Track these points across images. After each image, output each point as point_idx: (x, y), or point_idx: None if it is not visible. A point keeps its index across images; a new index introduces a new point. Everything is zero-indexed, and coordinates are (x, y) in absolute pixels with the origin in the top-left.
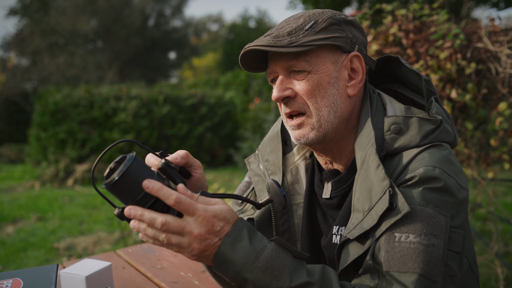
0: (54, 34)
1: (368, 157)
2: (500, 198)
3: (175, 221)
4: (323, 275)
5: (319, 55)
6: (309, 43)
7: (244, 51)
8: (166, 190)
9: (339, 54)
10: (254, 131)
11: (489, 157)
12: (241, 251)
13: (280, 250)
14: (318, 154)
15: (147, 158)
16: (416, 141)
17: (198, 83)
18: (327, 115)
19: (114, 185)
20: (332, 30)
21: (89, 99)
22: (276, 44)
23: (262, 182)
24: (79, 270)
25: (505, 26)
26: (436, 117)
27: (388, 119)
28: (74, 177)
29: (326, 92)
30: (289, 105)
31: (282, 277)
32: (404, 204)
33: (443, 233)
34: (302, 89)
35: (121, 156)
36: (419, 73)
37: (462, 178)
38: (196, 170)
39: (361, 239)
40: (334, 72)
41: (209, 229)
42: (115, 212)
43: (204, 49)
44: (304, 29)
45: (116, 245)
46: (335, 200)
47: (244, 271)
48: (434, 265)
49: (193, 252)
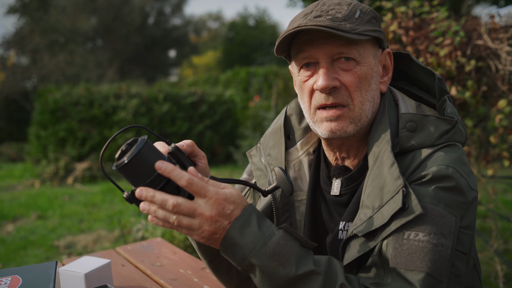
0: (54, 32)
1: (382, 154)
2: (500, 195)
3: (187, 203)
4: (329, 266)
5: (365, 47)
6: (366, 32)
7: (298, 29)
8: (179, 171)
9: (377, 49)
10: (254, 129)
11: (489, 154)
12: (249, 236)
13: (288, 238)
14: (331, 150)
15: (155, 145)
16: (431, 140)
17: (198, 81)
18: (368, 110)
19: (125, 167)
20: (374, 23)
21: (89, 97)
22: (339, 28)
23: (264, 177)
24: (78, 267)
25: (505, 23)
26: (452, 117)
27: (405, 116)
28: (74, 175)
29: (370, 86)
30: (332, 96)
31: (289, 264)
32: (417, 206)
33: (452, 233)
34: (349, 80)
35: (132, 139)
36: (433, 72)
37: (472, 179)
38: (201, 160)
39: (368, 236)
40: (374, 66)
41: (220, 211)
42: (124, 195)
43: (204, 47)
44: (355, 17)
45: (116, 243)
46: (345, 197)
47: (252, 256)
48: (442, 264)
49: (203, 234)
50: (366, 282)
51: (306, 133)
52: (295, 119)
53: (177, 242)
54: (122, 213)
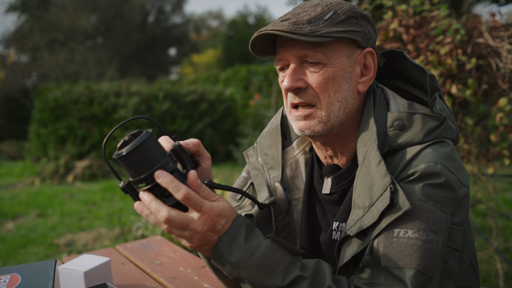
0: (54, 30)
1: (369, 153)
2: (500, 194)
3: (180, 217)
4: (316, 269)
5: (336, 48)
6: (329, 34)
7: (259, 34)
8: (177, 184)
9: (354, 49)
10: (254, 127)
11: (489, 152)
12: (236, 249)
13: (275, 247)
14: (318, 147)
15: (160, 140)
16: (419, 137)
17: (198, 79)
18: (337, 110)
19: (124, 157)
20: (350, 23)
21: (89, 95)
22: (297, 31)
23: (261, 176)
24: (77, 265)
25: (505, 22)
26: (440, 113)
27: (391, 115)
28: (74, 174)
29: (340, 87)
30: (299, 96)
31: (276, 274)
32: (405, 202)
33: (443, 230)
34: (315, 81)
35: (137, 130)
36: (424, 69)
37: (463, 175)
38: (205, 161)
39: (361, 235)
40: (348, 67)
41: (212, 227)
42: (120, 185)
43: (204, 46)
44: (324, 19)
45: (116, 241)
46: (335, 196)
47: (239, 269)
48: (432, 261)
49: (192, 245)
50: (359, 282)
51: None
52: None
53: (177, 240)
54: (122, 211)
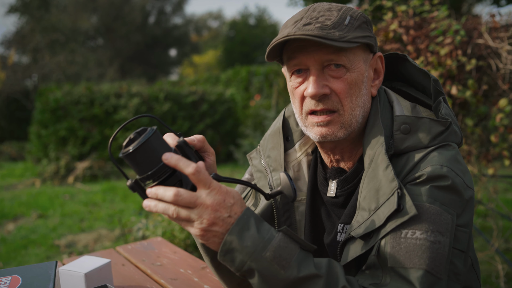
0: (55, 31)
1: (377, 156)
2: (500, 194)
3: (188, 193)
4: (329, 268)
5: (356, 53)
6: (355, 39)
7: (286, 38)
8: (185, 160)
9: (368, 54)
10: (255, 128)
11: (489, 153)
12: (249, 239)
13: (288, 241)
14: (325, 152)
15: (165, 137)
16: (425, 142)
17: (199, 80)
18: (358, 115)
19: (130, 155)
20: (364, 28)
21: (90, 96)
22: (327, 37)
23: (264, 178)
24: (78, 267)
25: (505, 22)
26: (446, 118)
27: (398, 118)
28: (75, 175)
29: (360, 92)
30: (322, 102)
31: (290, 267)
32: (412, 207)
33: (449, 231)
34: (339, 87)
35: (142, 128)
36: (428, 73)
37: (468, 177)
38: (209, 156)
39: (365, 237)
40: (365, 71)
41: (221, 202)
42: (127, 183)
43: (205, 46)
44: (344, 24)
45: (117, 242)
46: (340, 199)
47: (252, 260)
48: (440, 262)
49: (201, 225)
50: (365, 283)
51: (304, 134)
52: (293, 121)
53: (177, 241)
54: (122, 212)
